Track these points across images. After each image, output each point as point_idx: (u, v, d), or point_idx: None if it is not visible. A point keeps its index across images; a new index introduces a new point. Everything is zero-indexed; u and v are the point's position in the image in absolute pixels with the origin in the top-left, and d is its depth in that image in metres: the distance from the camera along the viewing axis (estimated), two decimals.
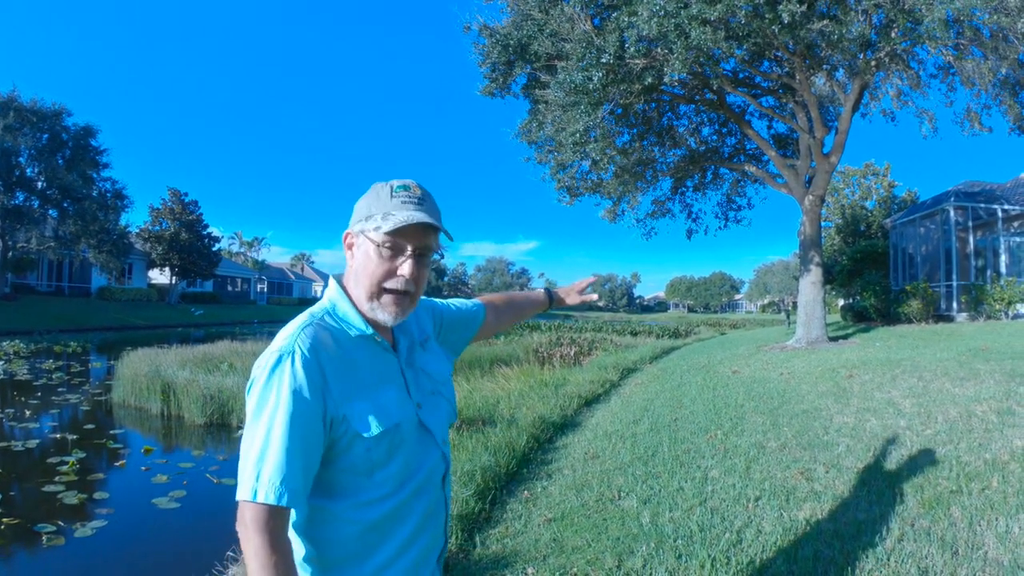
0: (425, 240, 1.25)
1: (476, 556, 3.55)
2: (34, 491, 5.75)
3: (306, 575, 1.20)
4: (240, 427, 8.10)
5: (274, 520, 1.07)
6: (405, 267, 1.23)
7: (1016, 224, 17.09)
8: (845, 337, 14.21)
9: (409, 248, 1.23)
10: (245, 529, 1.07)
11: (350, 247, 1.30)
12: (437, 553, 1.41)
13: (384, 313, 1.25)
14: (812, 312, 13.64)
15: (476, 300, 1.82)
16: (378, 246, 1.22)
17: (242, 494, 1.08)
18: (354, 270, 1.28)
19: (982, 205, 17.40)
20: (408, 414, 1.28)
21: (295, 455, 1.09)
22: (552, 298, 2.05)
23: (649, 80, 10.70)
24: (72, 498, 5.47)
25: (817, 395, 7.32)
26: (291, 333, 1.18)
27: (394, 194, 1.24)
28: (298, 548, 1.21)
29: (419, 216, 1.21)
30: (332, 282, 1.34)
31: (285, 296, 66.37)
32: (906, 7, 9.47)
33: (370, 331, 1.27)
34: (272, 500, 1.06)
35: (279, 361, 1.13)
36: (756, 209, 30.32)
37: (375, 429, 1.20)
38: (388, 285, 1.24)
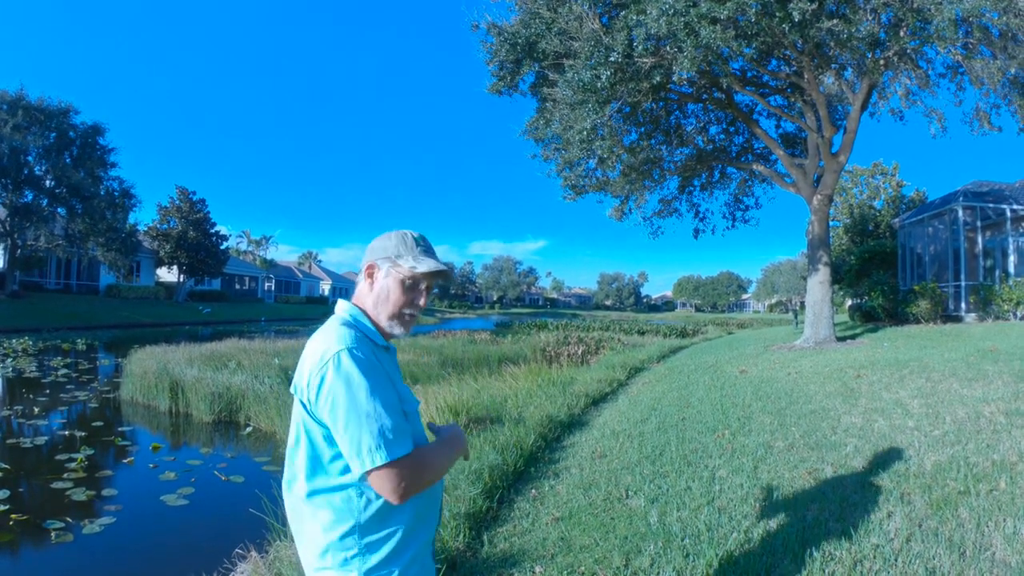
0: (436, 280, 1.64)
1: (484, 554, 3.56)
2: (43, 488, 5.78)
3: (355, 546, 1.43)
4: (248, 425, 8.14)
5: (407, 461, 1.37)
6: (421, 299, 1.61)
7: None
8: (853, 337, 14.17)
9: (424, 285, 1.61)
10: (404, 476, 1.35)
11: (371, 275, 1.62)
12: (434, 532, 1.66)
13: (400, 329, 1.61)
14: (820, 312, 13.60)
15: None
16: (402, 280, 1.58)
17: (377, 460, 1.34)
18: (377, 294, 1.60)
19: (991, 205, 17.29)
20: (416, 406, 1.62)
21: (392, 409, 1.40)
22: None
23: (657, 79, 10.70)
24: (80, 495, 5.50)
25: (825, 395, 7.30)
26: (337, 335, 1.45)
27: (416, 243, 1.61)
28: (339, 523, 1.43)
29: (441, 265, 1.59)
30: (345, 304, 1.64)
31: (293, 295, 66.29)
32: (915, 6, 9.43)
33: (389, 343, 1.62)
34: (401, 454, 1.36)
35: (339, 356, 1.39)
36: (764, 209, 30.27)
37: (412, 407, 1.55)
38: (406, 310, 1.60)
